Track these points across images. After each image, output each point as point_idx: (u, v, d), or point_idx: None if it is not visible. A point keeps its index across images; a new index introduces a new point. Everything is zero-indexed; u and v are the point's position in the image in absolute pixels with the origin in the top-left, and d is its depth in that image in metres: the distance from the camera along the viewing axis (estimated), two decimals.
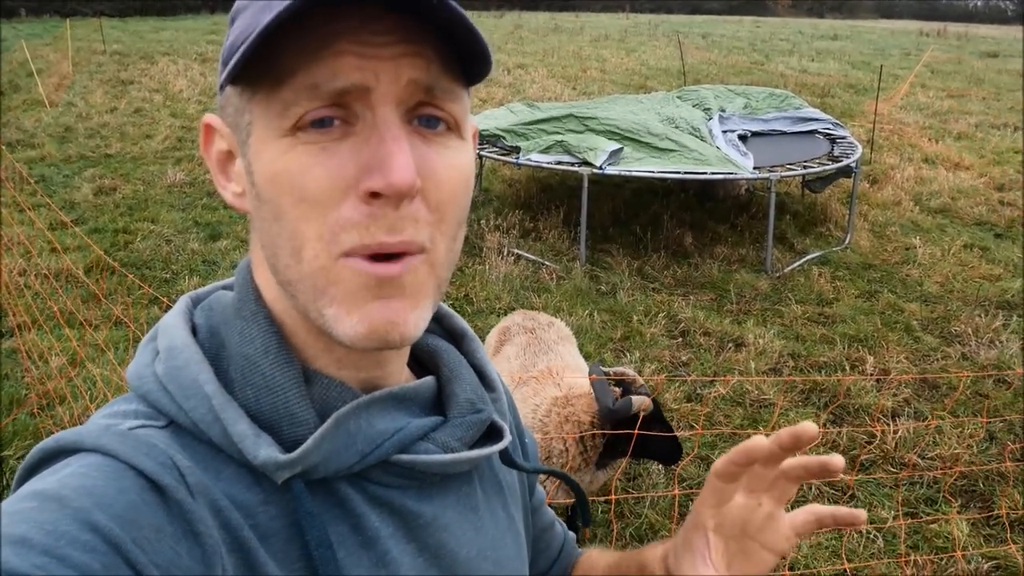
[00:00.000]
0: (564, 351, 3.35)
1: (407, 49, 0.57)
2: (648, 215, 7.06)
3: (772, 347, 4.85)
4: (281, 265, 0.60)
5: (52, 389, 3.93)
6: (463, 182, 0.62)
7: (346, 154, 0.57)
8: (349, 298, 0.58)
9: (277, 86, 0.57)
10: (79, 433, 0.57)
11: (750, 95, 8.13)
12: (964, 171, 9.07)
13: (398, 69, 0.57)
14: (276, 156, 0.58)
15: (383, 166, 0.55)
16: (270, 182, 0.59)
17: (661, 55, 19.74)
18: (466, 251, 6.28)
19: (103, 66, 15.13)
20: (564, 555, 0.96)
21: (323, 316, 0.59)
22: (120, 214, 7.03)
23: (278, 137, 0.58)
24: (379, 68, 0.56)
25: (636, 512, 3.42)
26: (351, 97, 0.56)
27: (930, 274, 6.15)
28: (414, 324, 0.60)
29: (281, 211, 0.58)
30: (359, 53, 0.56)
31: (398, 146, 0.56)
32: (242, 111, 0.61)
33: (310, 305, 0.60)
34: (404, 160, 0.55)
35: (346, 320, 0.58)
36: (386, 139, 0.56)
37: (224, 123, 0.64)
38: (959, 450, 3.84)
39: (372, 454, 0.63)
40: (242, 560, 0.57)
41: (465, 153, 0.63)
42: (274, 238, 0.60)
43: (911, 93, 13.82)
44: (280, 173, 0.58)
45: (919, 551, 3.21)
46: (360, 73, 0.56)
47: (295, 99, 0.56)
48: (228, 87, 0.61)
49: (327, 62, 0.56)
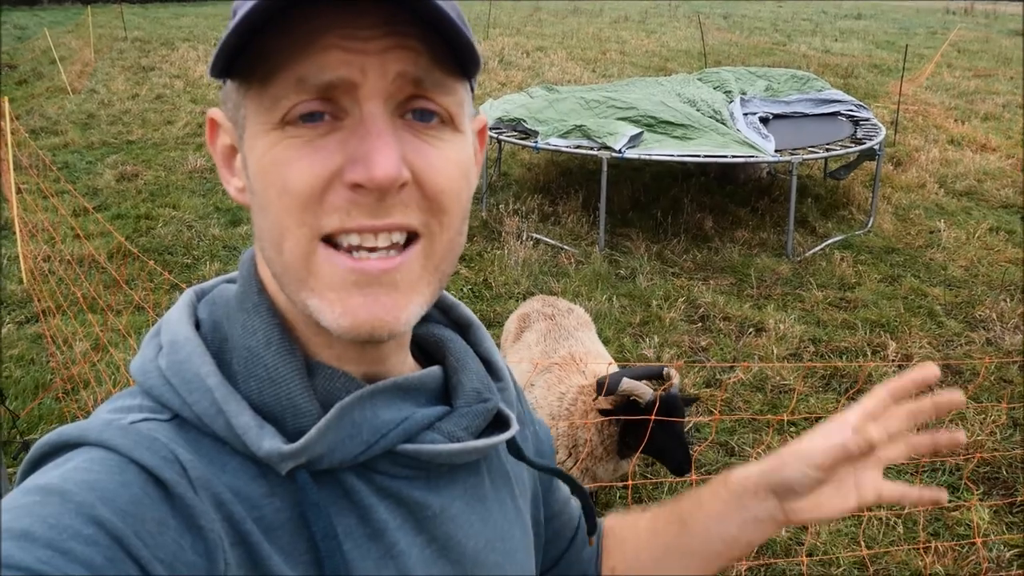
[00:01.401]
0: (584, 337, 3.34)
1: (394, 42, 0.57)
2: (668, 199, 7.01)
3: (793, 332, 4.82)
4: (268, 258, 0.61)
5: (76, 374, 3.98)
6: (460, 174, 0.62)
7: (333, 147, 0.57)
8: (330, 291, 0.58)
9: (266, 80, 0.57)
10: (82, 427, 0.58)
11: (771, 77, 8.03)
12: (991, 153, 8.91)
13: (385, 63, 0.57)
14: (265, 150, 0.58)
15: (366, 160, 0.56)
16: (258, 175, 0.59)
17: (682, 36, 19.53)
18: (484, 236, 6.28)
19: (124, 53, 15.23)
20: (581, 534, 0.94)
21: (308, 308, 0.60)
22: (142, 200, 7.09)
23: (267, 131, 0.58)
24: (365, 63, 0.56)
25: (654, 497, 3.42)
26: (338, 91, 0.57)
27: (954, 258, 6.07)
28: (405, 320, 0.60)
29: (267, 203, 0.59)
30: (345, 47, 0.56)
31: (382, 141, 0.56)
32: (239, 106, 0.61)
33: (295, 298, 0.60)
34: (387, 155, 0.56)
35: (328, 312, 0.59)
36: (371, 133, 0.56)
37: (226, 117, 0.65)
38: (982, 436, 3.80)
39: (377, 444, 0.63)
40: (246, 553, 0.57)
41: (461, 146, 0.63)
42: (262, 231, 0.61)
43: (937, 73, 13.58)
44: (266, 166, 0.58)
45: (940, 538, 3.19)
46: (346, 67, 0.56)
47: (283, 93, 0.57)
48: (228, 81, 0.62)
49: (314, 56, 0.56)
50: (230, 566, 0.55)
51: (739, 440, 3.80)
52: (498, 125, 6.63)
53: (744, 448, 3.74)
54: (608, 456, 2.86)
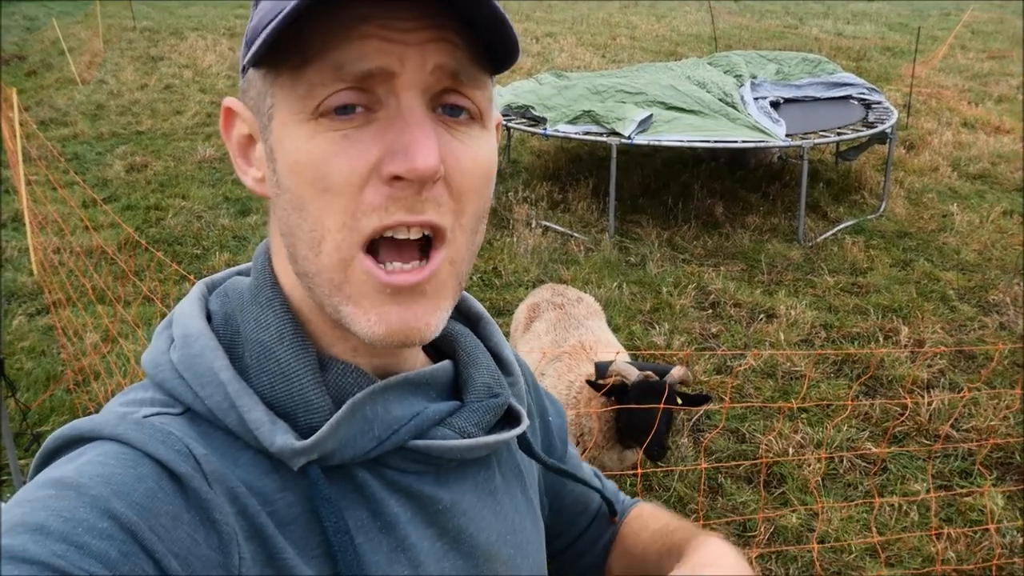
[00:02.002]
0: (594, 326, 3.34)
1: (434, 35, 0.57)
2: (678, 185, 6.98)
3: (804, 318, 4.80)
4: (300, 256, 0.60)
5: (87, 365, 4.01)
6: (485, 174, 0.62)
7: (369, 140, 0.57)
8: (365, 299, 0.59)
9: (302, 67, 0.57)
10: (96, 421, 0.58)
11: (782, 61, 7.96)
12: (1005, 135, 8.82)
13: (424, 54, 0.57)
14: (299, 143, 0.58)
15: (407, 151, 0.55)
16: (292, 170, 0.59)
17: (692, 20, 19.37)
18: (494, 223, 6.26)
19: (133, 43, 15.22)
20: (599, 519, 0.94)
21: (339, 312, 0.60)
22: (152, 191, 7.11)
23: (301, 122, 0.58)
24: (405, 53, 0.56)
25: (665, 485, 3.42)
26: (375, 81, 0.56)
27: (968, 242, 6.02)
28: (436, 325, 0.61)
29: (303, 201, 0.58)
30: (385, 37, 0.56)
31: (422, 131, 0.56)
32: (264, 94, 0.60)
33: (326, 300, 0.60)
34: (429, 146, 0.56)
35: (363, 320, 0.59)
36: (410, 124, 0.56)
37: (246, 107, 0.64)
38: (995, 422, 3.78)
39: (389, 440, 0.63)
40: (260, 547, 0.57)
41: (487, 143, 0.63)
42: (294, 228, 0.60)
43: (950, 55, 13.43)
44: (303, 162, 0.58)
45: (952, 524, 3.18)
46: (385, 57, 0.56)
47: (320, 79, 0.56)
48: (251, 70, 0.61)
49: (353, 44, 0.55)
50: (244, 560, 0.56)
51: (750, 427, 3.79)
52: (507, 112, 6.60)
53: (755, 435, 3.73)
54: (610, 445, 2.86)
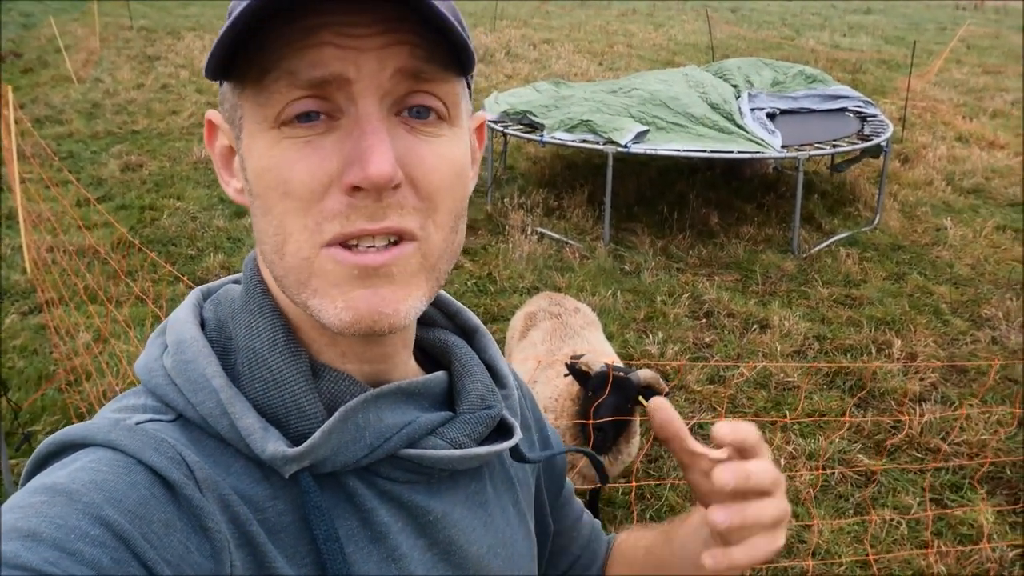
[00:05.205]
0: (590, 336, 3.36)
1: (391, 39, 0.57)
2: (673, 194, 6.99)
3: (797, 329, 4.80)
4: (268, 260, 0.61)
5: (79, 365, 3.99)
6: (454, 172, 0.62)
7: (330, 148, 0.57)
8: (333, 288, 0.58)
9: (261, 78, 0.57)
10: (88, 428, 0.58)
11: (777, 68, 7.99)
12: (999, 150, 8.86)
13: (382, 59, 0.57)
14: (263, 151, 0.58)
15: (362, 159, 0.56)
16: (258, 177, 0.59)
17: (689, 30, 19.44)
18: (489, 230, 6.27)
19: (130, 42, 15.19)
20: (592, 547, 0.95)
21: (309, 307, 0.59)
22: (147, 191, 7.09)
23: (265, 130, 0.58)
24: (360, 59, 0.56)
25: (657, 494, 3.41)
26: (332, 88, 0.56)
27: (961, 256, 6.04)
28: (404, 313, 0.60)
29: (268, 206, 0.59)
30: (339, 44, 0.56)
31: (377, 139, 0.56)
32: (235, 106, 0.61)
33: (297, 299, 0.60)
34: (381, 152, 0.55)
35: (330, 308, 0.58)
36: (366, 132, 0.56)
37: (223, 119, 0.65)
38: (987, 437, 3.79)
39: (380, 448, 0.63)
40: (251, 555, 0.57)
41: (458, 142, 0.62)
42: (262, 233, 0.61)
43: (945, 69, 13.50)
44: (266, 167, 0.58)
45: (943, 539, 3.18)
46: (340, 63, 0.56)
47: (277, 88, 0.57)
48: (224, 83, 0.62)
49: (308, 52, 0.56)
50: (236, 567, 0.55)
51: None
52: (503, 119, 6.61)
53: None
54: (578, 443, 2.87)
